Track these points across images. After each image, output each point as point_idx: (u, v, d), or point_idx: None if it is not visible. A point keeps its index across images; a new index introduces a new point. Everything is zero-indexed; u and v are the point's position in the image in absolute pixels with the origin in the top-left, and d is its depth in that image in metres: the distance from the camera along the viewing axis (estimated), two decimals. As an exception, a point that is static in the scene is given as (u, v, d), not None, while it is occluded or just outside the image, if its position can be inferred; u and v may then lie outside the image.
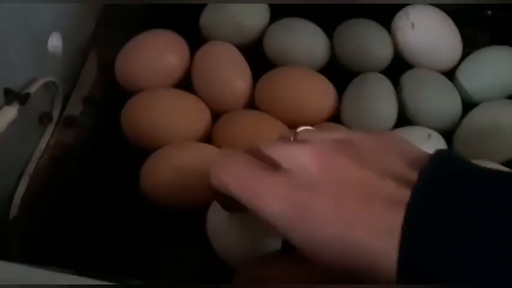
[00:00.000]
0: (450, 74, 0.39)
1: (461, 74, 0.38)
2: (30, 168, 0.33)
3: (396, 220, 0.20)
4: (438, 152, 0.22)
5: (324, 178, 0.22)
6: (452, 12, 0.40)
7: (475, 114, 0.36)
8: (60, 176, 0.34)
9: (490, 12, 0.42)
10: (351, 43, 0.39)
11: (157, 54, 0.36)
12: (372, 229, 0.21)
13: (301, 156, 0.23)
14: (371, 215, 0.21)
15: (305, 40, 0.39)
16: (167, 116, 0.34)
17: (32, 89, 0.31)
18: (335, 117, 0.37)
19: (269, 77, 0.37)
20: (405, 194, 0.21)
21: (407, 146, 0.24)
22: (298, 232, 0.23)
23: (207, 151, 0.34)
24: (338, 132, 0.25)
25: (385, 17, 0.40)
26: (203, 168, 0.32)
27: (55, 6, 0.34)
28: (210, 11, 0.39)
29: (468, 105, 0.38)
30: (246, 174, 0.24)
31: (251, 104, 0.38)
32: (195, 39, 0.39)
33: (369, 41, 0.39)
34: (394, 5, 0.40)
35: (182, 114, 0.35)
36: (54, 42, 0.34)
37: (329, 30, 0.40)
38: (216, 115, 0.37)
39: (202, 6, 0.40)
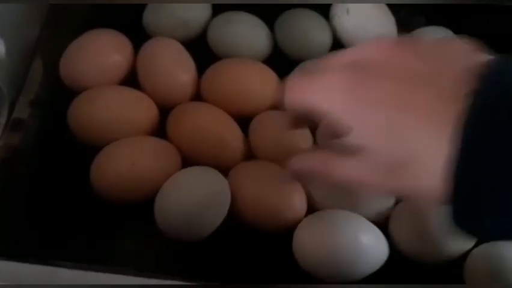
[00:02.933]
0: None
1: (398, 55, 0.40)
2: (-20, 171, 0.33)
3: (451, 111, 0.20)
4: (502, 57, 0.23)
5: (386, 65, 0.24)
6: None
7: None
8: (10, 178, 0.34)
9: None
10: (292, 32, 0.40)
11: (99, 53, 0.37)
12: (424, 113, 0.21)
13: (372, 46, 0.25)
14: (424, 100, 0.22)
15: (247, 32, 0.40)
16: (112, 113, 0.35)
17: (-25, 94, 0.31)
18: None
19: (213, 70, 0.38)
20: (463, 90, 0.21)
21: (476, 53, 0.24)
22: (351, 115, 0.24)
23: (154, 144, 0.35)
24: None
25: (323, 5, 0.41)
26: (153, 162, 0.34)
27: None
28: (152, 8, 0.40)
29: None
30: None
31: (197, 96, 0.38)
32: (140, 37, 0.40)
33: (308, 29, 0.40)
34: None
35: (127, 111, 0.36)
36: (-3, 48, 0.35)
37: (270, 22, 0.41)
38: (164, 110, 0.37)
39: (145, 5, 0.41)
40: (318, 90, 0.25)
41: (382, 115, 0.22)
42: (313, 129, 0.36)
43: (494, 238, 0.23)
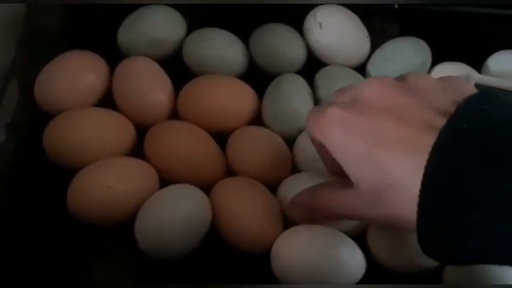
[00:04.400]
0: (364, 68, 0.41)
1: (371, 67, 0.40)
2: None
3: (426, 142, 0.22)
4: (482, 91, 0.24)
5: (373, 103, 0.25)
6: (360, 7, 0.41)
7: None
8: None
9: (396, 6, 0.44)
10: (266, 47, 0.40)
11: (74, 74, 0.37)
12: (401, 147, 0.23)
13: (365, 86, 0.26)
14: (403, 134, 0.23)
15: (222, 48, 0.40)
16: (88, 135, 0.35)
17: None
18: (258, 119, 0.39)
19: (190, 87, 0.39)
20: (441, 122, 0.22)
21: (466, 88, 0.26)
22: (340, 149, 0.26)
23: (132, 165, 0.35)
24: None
25: (297, 20, 0.42)
26: (131, 183, 0.34)
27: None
28: (125, 28, 0.40)
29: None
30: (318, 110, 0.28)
31: (175, 115, 0.39)
32: (116, 57, 0.40)
33: (282, 44, 0.40)
34: (304, 8, 0.42)
35: (104, 132, 0.36)
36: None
37: (245, 37, 0.41)
38: (142, 129, 0.37)
39: (119, 25, 0.41)
40: (320, 125, 0.27)
41: (363, 149, 0.24)
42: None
43: (459, 263, 0.25)
